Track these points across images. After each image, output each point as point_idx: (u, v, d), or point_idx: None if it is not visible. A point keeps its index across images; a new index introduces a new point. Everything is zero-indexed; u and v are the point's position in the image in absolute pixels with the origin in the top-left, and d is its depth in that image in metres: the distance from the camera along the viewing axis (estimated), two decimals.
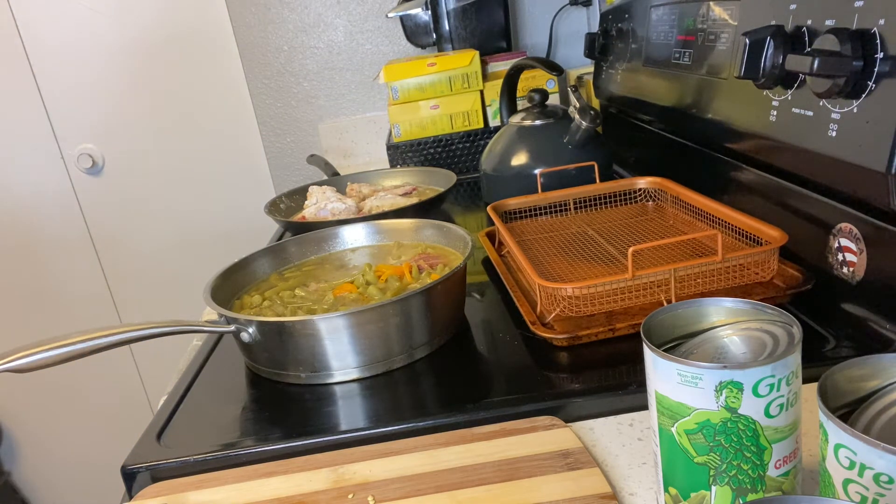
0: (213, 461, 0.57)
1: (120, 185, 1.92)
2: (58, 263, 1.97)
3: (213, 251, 1.96)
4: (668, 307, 0.42)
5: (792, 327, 0.39)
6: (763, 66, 0.62)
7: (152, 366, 2.08)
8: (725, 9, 0.78)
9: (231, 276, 0.80)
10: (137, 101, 1.86)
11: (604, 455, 0.51)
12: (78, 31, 1.80)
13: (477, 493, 0.48)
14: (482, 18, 1.58)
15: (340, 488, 0.51)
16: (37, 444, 2.14)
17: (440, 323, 0.69)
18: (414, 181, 1.28)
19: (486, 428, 0.55)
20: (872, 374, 0.36)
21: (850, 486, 0.32)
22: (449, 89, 1.41)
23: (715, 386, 0.36)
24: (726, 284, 0.66)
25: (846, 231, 0.59)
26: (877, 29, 0.52)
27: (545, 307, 0.68)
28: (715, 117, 0.79)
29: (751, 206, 0.75)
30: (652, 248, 0.77)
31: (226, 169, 1.92)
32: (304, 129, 1.85)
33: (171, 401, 0.67)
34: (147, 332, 0.63)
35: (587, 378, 0.60)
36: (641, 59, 1.05)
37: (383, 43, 1.79)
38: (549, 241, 0.88)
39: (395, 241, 0.89)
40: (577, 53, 1.61)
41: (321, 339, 0.64)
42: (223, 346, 0.77)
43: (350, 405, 0.63)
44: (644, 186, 0.96)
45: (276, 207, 1.20)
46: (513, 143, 1.09)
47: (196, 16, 1.81)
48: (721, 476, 0.38)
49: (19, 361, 0.58)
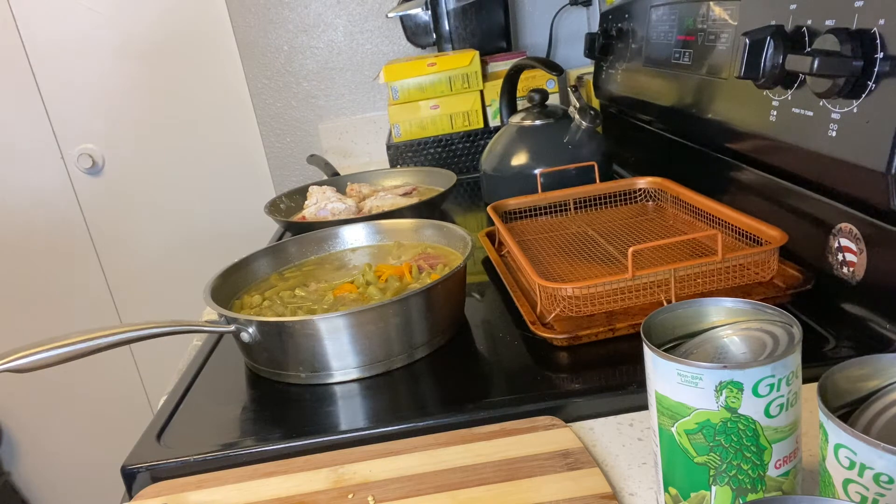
0: (213, 461, 0.57)
1: (120, 185, 1.92)
2: (58, 263, 1.97)
3: (213, 251, 1.96)
4: (668, 307, 0.42)
5: (792, 327, 0.39)
6: (763, 66, 0.62)
7: (152, 366, 2.08)
8: (725, 9, 0.78)
9: (231, 276, 0.80)
10: (137, 102, 1.86)
11: (604, 455, 0.51)
12: (78, 31, 1.80)
13: (477, 493, 0.48)
14: (482, 18, 1.57)
15: (340, 488, 0.51)
16: (37, 444, 2.14)
17: (440, 323, 0.69)
18: (414, 181, 1.28)
19: (486, 428, 0.55)
20: (872, 374, 0.36)
21: (850, 486, 0.32)
22: (449, 89, 1.41)
23: (715, 386, 0.36)
24: (726, 284, 0.66)
25: (846, 231, 0.59)
26: (877, 29, 0.52)
27: (545, 307, 0.68)
28: (715, 117, 0.79)
29: (751, 206, 0.75)
30: (652, 248, 0.77)
31: (226, 169, 1.92)
32: (304, 129, 1.85)
33: (171, 401, 0.67)
34: (147, 332, 0.63)
35: (587, 378, 0.60)
36: (641, 59, 1.05)
37: (383, 43, 1.79)
38: (549, 241, 0.88)
39: (395, 241, 0.89)
40: (577, 53, 1.61)
41: (321, 339, 0.64)
42: (223, 346, 0.77)
43: (350, 405, 0.63)
44: (644, 186, 0.96)
45: (276, 207, 1.20)
46: (513, 143, 1.09)
47: (196, 16, 1.81)
48: (721, 476, 0.38)
49: (19, 361, 0.58)
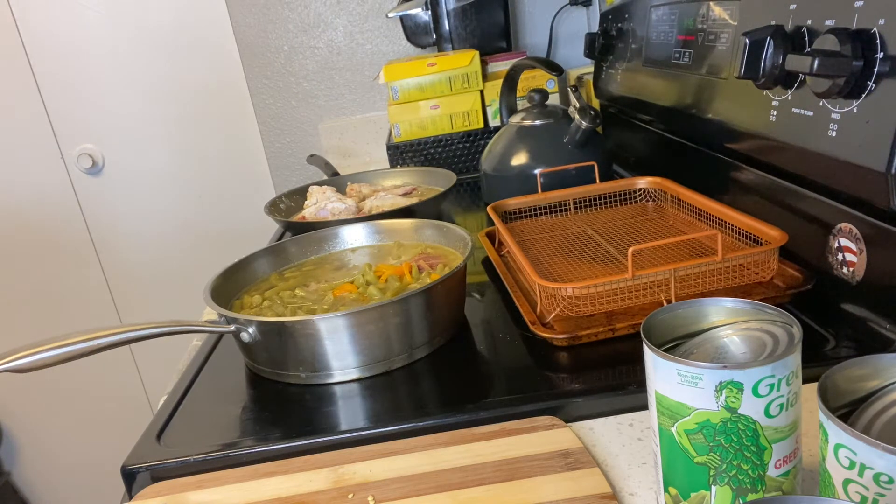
0: (213, 461, 0.57)
1: (120, 185, 1.92)
2: (58, 263, 1.97)
3: (213, 251, 1.96)
4: (668, 307, 0.42)
5: (792, 327, 0.39)
6: (763, 66, 0.62)
7: (152, 366, 2.08)
8: (725, 9, 0.78)
9: (231, 276, 0.80)
10: (137, 101, 1.86)
11: (604, 455, 0.51)
12: (78, 31, 1.80)
13: (477, 493, 0.48)
14: (482, 18, 1.57)
15: (340, 488, 0.51)
16: (37, 445, 2.14)
17: (440, 323, 0.69)
18: (414, 181, 1.28)
19: (486, 428, 0.55)
20: (872, 374, 0.36)
21: (850, 486, 0.32)
22: (449, 89, 1.41)
23: (715, 386, 0.36)
24: (726, 284, 0.66)
25: (846, 231, 0.59)
26: (877, 29, 0.52)
27: (545, 307, 0.68)
28: (715, 117, 0.79)
29: (751, 206, 0.75)
30: (652, 248, 0.77)
31: (226, 169, 1.92)
32: (304, 129, 1.85)
33: (171, 401, 0.67)
34: (147, 332, 0.63)
35: (587, 378, 0.60)
36: (641, 59, 1.05)
37: (383, 43, 1.79)
38: (549, 241, 0.88)
39: (395, 241, 0.89)
40: (577, 53, 1.61)
41: (321, 339, 0.64)
42: (223, 346, 0.77)
43: (350, 405, 0.63)
44: (644, 186, 0.96)
45: (276, 207, 1.20)
46: (513, 143, 1.09)
47: (196, 16, 1.81)
48: (721, 476, 0.38)
49: (19, 361, 0.58)
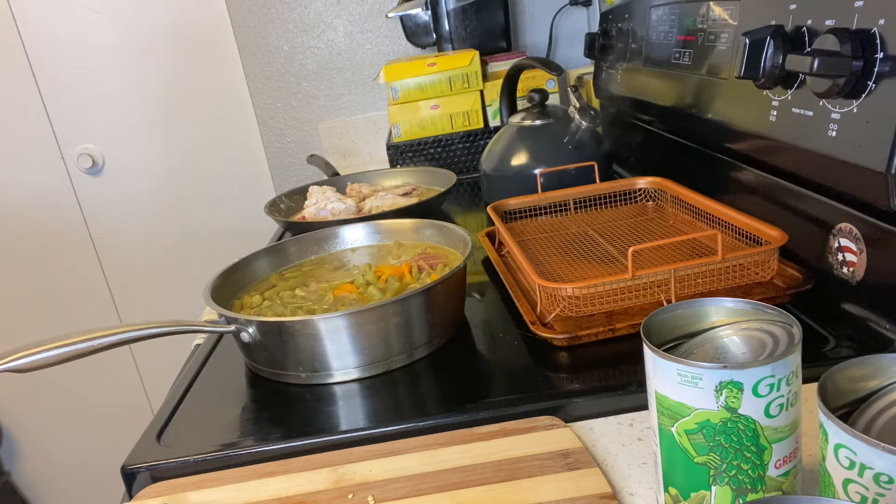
0: (213, 461, 0.57)
1: (120, 185, 1.92)
2: (58, 263, 1.97)
3: (213, 251, 1.96)
4: (668, 307, 0.42)
5: (792, 327, 0.39)
6: (763, 66, 0.62)
7: (152, 366, 2.08)
8: (725, 9, 0.78)
9: (231, 276, 0.80)
10: (137, 101, 1.86)
11: (604, 455, 0.51)
12: (78, 31, 1.80)
13: (477, 493, 0.48)
14: (482, 18, 1.57)
15: (340, 488, 0.51)
16: (37, 445, 2.14)
17: (440, 323, 0.69)
18: (414, 181, 1.28)
19: (486, 428, 0.55)
20: (872, 374, 0.36)
21: (850, 486, 0.32)
22: (449, 89, 1.41)
23: (715, 386, 0.36)
24: (726, 284, 0.66)
25: (846, 231, 0.59)
26: (877, 29, 0.52)
27: (545, 307, 0.68)
28: (715, 117, 0.79)
29: (751, 206, 0.75)
30: (652, 248, 0.77)
31: (226, 169, 1.92)
32: (304, 129, 1.85)
33: (171, 401, 0.67)
34: (147, 332, 0.63)
35: (587, 378, 0.60)
36: (641, 59, 1.05)
37: (383, 43, 1.79)
38: (549, 241, 0.88)
39: (395, 241, 0.89)
40: (577, 53, 1.61)
41: (321, 339, 0.64)
42: (223, 346, 0.77)
43: (350, 405, 0.63)
44: (644, 186, 0.96)
45: (276, 207, 1.20)
46: (513, 143, 1.09)
47: (196, 16, 1.81)
48: (721, 476, 0.38)
49: (19, 361, 0.58)
